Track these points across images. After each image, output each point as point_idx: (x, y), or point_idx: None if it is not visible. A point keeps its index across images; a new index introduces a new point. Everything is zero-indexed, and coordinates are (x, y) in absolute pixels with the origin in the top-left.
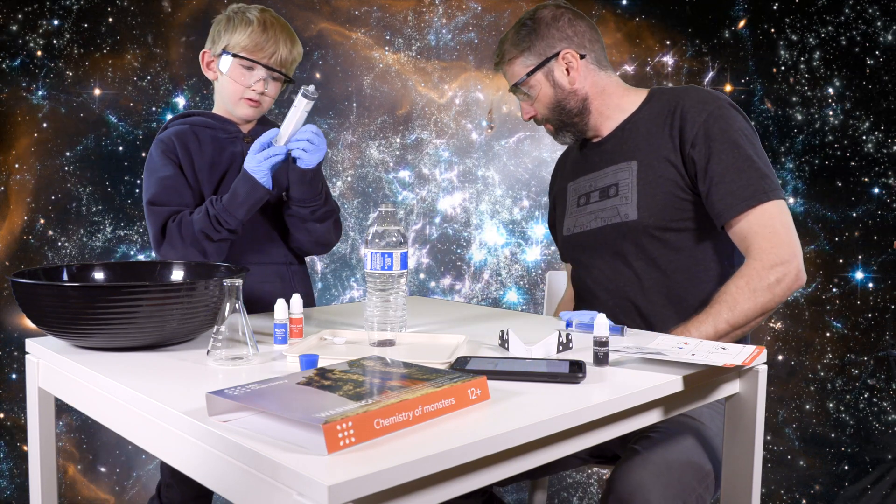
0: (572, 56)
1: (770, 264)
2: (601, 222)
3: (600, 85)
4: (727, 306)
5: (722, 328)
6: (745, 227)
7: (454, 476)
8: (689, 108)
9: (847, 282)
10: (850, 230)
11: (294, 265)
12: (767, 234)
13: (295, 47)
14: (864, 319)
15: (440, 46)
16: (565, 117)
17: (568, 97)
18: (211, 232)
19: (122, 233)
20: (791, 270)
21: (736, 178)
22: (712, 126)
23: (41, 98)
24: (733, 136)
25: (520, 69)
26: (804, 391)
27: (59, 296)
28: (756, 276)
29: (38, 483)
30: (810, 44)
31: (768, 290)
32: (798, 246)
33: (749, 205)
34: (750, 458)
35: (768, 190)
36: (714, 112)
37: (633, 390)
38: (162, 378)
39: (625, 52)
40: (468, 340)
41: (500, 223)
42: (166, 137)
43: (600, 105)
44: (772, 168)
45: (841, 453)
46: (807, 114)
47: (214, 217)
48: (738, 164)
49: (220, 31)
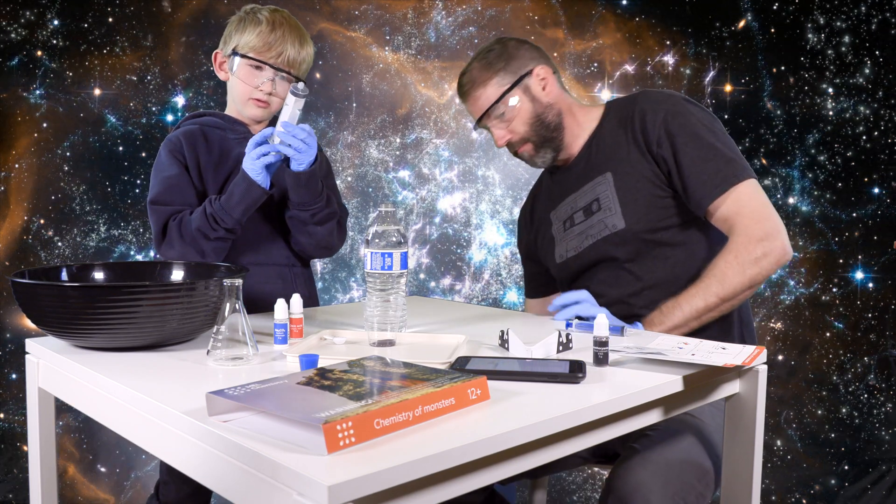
0: (546, 72)
1: (756, 238)
2: (592, 240)
3: (567, 103)
4: (717, 280)
5: (712, 301)
6: (724, 211)
7: (454, 476)
8: (646, 110)
9: (847, 282)
10: (850, 230)
11: (296, 267)
12: (747, 212)
13: (304, 48)
14: (864, 319)
15: (440, 45)
16: (545, 132)
17: (546, 111)
18: (208, 230)
19: (122, 233)
20: (777, 245)
21: (704, 168)
22: (671, 123)
23: (40, 98)
24: (693, 129)
25: (494, 90)
26: (804, 391)
27: (59, 296)
28: (743, 249)
29: (38, 483)
30: (810, 44)
31: (755, 264)
32: (779, 222)
33: (722, 189)
34: (750, 458)
35: (738, 172)
36: (670, 109)
37: (633, 390)
38: (162, 378)
39: (625, 52)
40: (468, 340)
41: (500, 223)
42: (174, 137)
43: (570, 122)
44: (737, 151)
45: (841, 453)
46: (807, 113)
47: (211, 216)
48: (703, 154)
49: (231, 32)
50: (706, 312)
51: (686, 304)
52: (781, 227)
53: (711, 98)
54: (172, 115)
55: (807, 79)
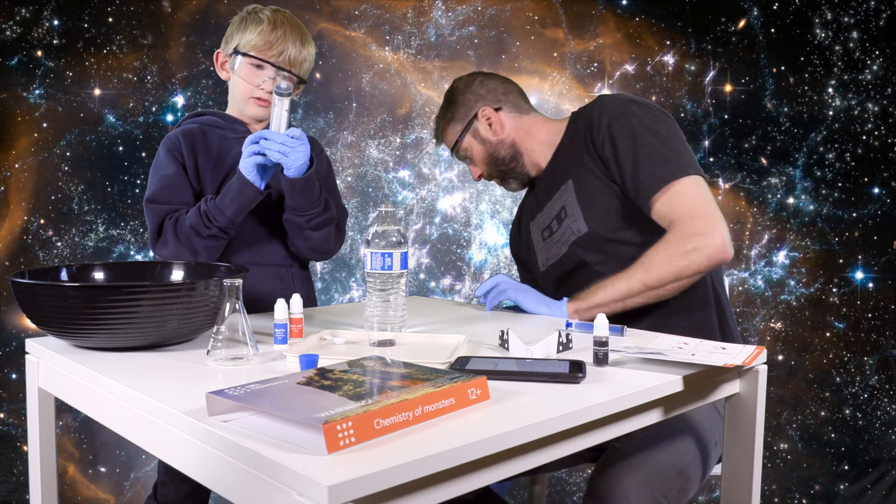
0: (490, 111)
1: (689, 234)
2: (566, 246)
3: (524, 127)
4: (643, 268)
5: (635, 287)
6: (660, 208)
7: (454, 476)
8: (594, 116)
9: (847, 282)
10: (850, 230)
11: (294, 267)
12: (684, 209)
13: (305, 47)
14: (864, 319)
15: (440, 44)
16: (501, 166)
17: (497, 148)
18: (201, 228)
19: (121, 233)
20: (711, 243)
21: (642, 167)
22: (614, 126)
23: (39, 97)
24: (632, 130)
25: (451, 137)
26: (804, 391)
27: (59, 296)
28: (674, 242)
29: (38, 483)
30: (811, 44)
31: (684, 256)
32: (719, 218)
33: (657, 187)
34: (750, 458)
35: (674, 170)
36: (614, 112)
37: (633, 390)
38: (162, 378)
39: (625, 52)
40: (468, 340)
41: (500, 223)
42: (173, 136)
43: (530, 144)
44: (680, 149)
45: (841, 453)
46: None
47: (205, 213)
48: (641, 153)
49: (232, 32)
50: (629, 297)
51: (611, 286)
52: (720, 223)
53: (711, 98)
54: (172, 114)
55: (806, 79)
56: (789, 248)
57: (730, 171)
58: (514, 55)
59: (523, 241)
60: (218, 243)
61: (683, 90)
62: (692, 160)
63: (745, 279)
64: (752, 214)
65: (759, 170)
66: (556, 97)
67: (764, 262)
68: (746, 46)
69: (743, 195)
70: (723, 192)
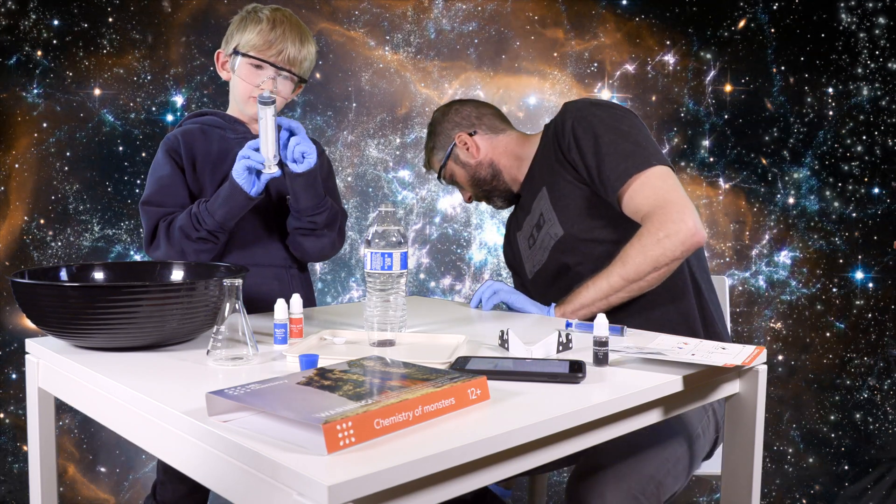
0: (465, 136)
1: (660, 223)
2: (547, 252)
3: (500, 146)
4: (620, 263)
5: (616, 283)
6: (629, 202)
7: (454, 476)
8: (559, 123)
9: (847, 282)
10: (850, 230)
11: (293, 269)
12: (652, 200)
13: (305, 46)
14: (864, 319)
15: (440, 44)
16: (484, 186)
17: (477, 169)
18: (190, 231)
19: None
20: (681, 227)
21: (606, 163)
22: (577, 128)
23: (39, 97)
24: (594, 130)
25: (436, 165)
26: (804, 391)
27: (59, 296)
28: (647, 233)
29: (38, 483)
30: (811, 44)
31: (658, 245)
32: (687, 204)
33: (623, 181)
34: (750, 458)
35: (639, 163)
36: (576, 115)
37: (633, 390)
38: (162, 378)
39: (625, 53)
40: (468, 340)
41: (500, 223)
42: (172, 136)
43: (508, 161)
44: (643, 143)
45: (841, 453)
46: (807, 112)
47: (194, 216)
48: (604, 150)
49: (232, 31)
50: (612, 293)
51: (593, 286)
52: (688, 208)
53: (712, 98)
54: (172, 114)
55: (806, 79)
56: (790, 247)
57: (730, 171)
58: (514, 55)
59: (514, 251)
60: (207, 247)
61: (684, 90)
62: (656, 152)
63: (746, 279)
64: (752, 214)
65: (760, 170)
66: (556, 97)
67: (764, 262)
68: (747, 46)
69: (743, 195)
70: (723, 191)
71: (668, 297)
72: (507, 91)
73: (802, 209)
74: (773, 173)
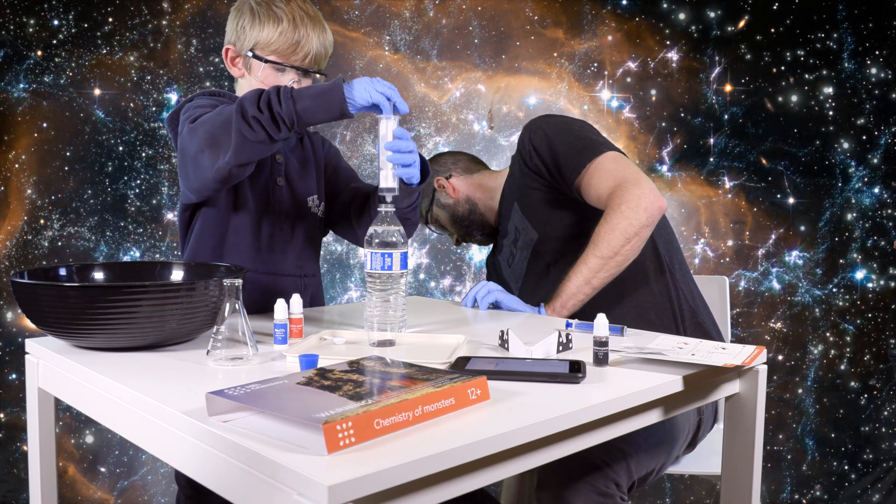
0: (443, 180)
1: (620, 198)
2: (526, 259)
3: (474, 183)
4: (592, 244)
5: (594, 264)
6: (587, 189)
7: (454, 476)
8: (519, 140)
9: (848, 282)
10: (851, 230)
11: (307, 277)
12: (609, 181)
13: (326, 37)
14: (864, 320)
15: (440, 42)
16: (463, 222)
17: (455, 208)
18: (250, 106)
19: (119, 233)
20: (640, 193)
21: (562, 159)
22: (534, 138)
23: (39, 97)
24: (548, 135)
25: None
26: (805, 391)
27: (59, 296)
28: (610, 210)
29: (37, 483)
30: (810, 44)
31: (623, 217)
32: (640, 176)
33: (578, 171)
34: (750, 458)
35: (590, 153)
36: (531, 127)
37: (633, 390)
38: (162, 378)
39: (625, 53)
40: (468, 340)
41: None
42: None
43: (482, 195)
44: (594, 137)
45: (841, 453)
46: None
47: (267, 92)
48: (559, 150)
49: (244, 26)
50: (593, 276)
51: (574, 275)
52: (643, 179)
53: (712, 97)
54: None
55: (806, 79)
56: (791, 248)
57: (731, 171)
58: (514, 55)
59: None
60: (254, 140)
61: (684, 90)
62: (607, 142)
63: (747, 279)
64: (753, 214)
65: (759, 169)
66: (556, 97)
67: (765, 262)
68: (747, 46)
69: (744, 195)
70: (725, 191)
71: (642, 279)
72: (508, 91)
73: (803, 209)
74: (773, 173)
